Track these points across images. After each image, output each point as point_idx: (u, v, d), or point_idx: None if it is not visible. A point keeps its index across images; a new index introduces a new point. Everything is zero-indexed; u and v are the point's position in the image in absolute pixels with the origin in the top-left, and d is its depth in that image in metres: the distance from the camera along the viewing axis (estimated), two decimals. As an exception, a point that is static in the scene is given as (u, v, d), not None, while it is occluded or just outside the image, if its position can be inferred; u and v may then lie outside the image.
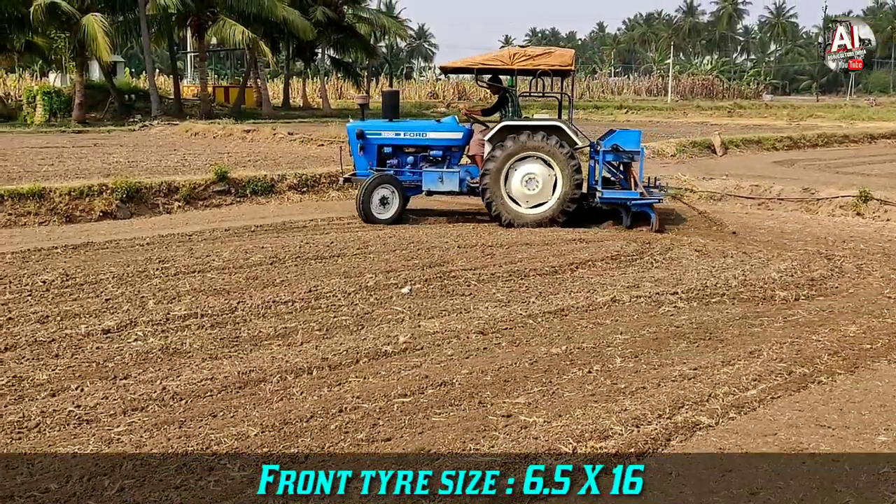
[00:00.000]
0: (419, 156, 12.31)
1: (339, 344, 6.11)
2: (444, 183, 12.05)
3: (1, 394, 5.02)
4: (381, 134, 12.23)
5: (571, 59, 12.23)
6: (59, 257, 9.00)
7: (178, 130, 25.86)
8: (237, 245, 9.80)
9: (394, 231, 10.97)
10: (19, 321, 6.47)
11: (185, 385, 5.18)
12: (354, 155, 12.35)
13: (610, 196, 11.76)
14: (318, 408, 4.84)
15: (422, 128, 12.53)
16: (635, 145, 11.93)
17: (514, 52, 12.06)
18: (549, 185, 11.56)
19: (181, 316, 6.69)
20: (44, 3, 28.65)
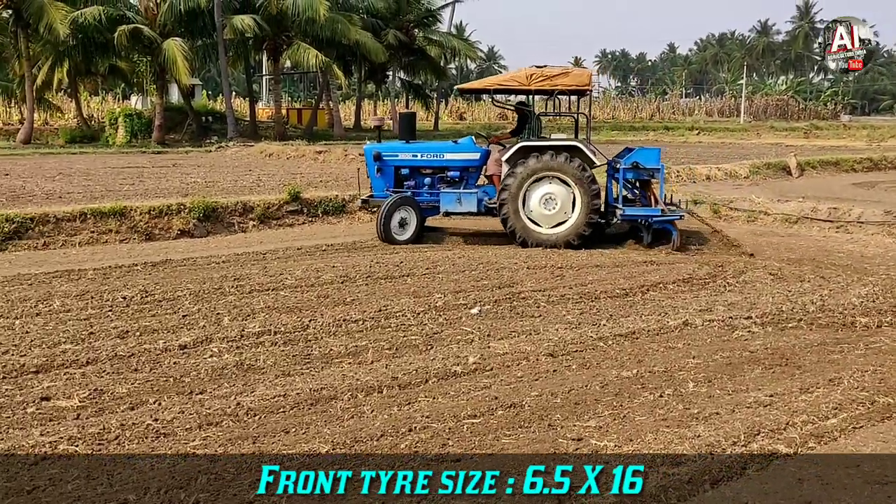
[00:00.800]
0: (436, 177, 12.29)
1: (408, 363, 6.14)
2: (462, 204, 12.00)
3: (83, 406, 5.18)
4: (397, 156, 12.23)
5: (589, 78, 12.22)
6: (139, 274, 9.28)
7: (253, 152, 26.45)
8: (309, 264, 9.95)
9: (463, 251, 11.00)
10: (100, 336, 6.68)
11: (259, 401, 5.27)
12: (371, 177, 12.35)
13: (632, 213, 11.71)
14: (388, 426, 4.87)
15: (439, 149, 12.51)
16: (655, 162, 11.83)
17: (531, 73, 11.94)
18: (567, 204, 11.50)
19: (255, 333, 6.82)
20: (127, 29, 29.74)
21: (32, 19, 30.14)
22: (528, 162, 11.41)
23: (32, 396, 5.32)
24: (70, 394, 5.35)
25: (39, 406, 5.17)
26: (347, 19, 35.72)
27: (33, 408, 5.14)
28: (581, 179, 11.40)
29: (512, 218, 11.42)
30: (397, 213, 11.64)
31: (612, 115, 67.01)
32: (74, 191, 14.98)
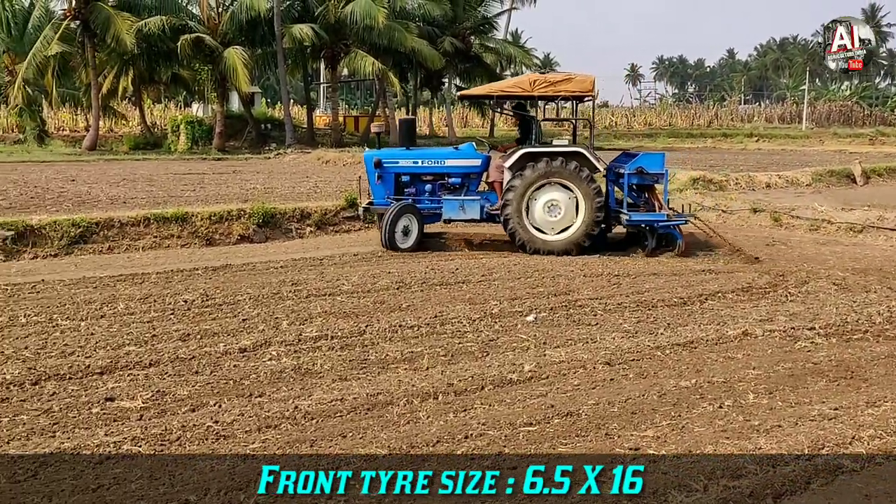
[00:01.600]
0: (437, 184, 12.15)
1: (464, 370, 6.14)
2: (465, 211, 11.89)
3: (146, 407, 5.29)
4: (398, 162, 12.06)
5: (592, 84, 12.04)
6: (200, 278, 9.46)
7: (311, 158, 26.79)
8: (365, 270, 10.03)
9: (518, 259, 10.97)
10: (163, 338, 6.82)
11: (316, 405, 5.33)
12: (372, 184, 12.14)
13: (638, 219, 11.60)
14: (444, 433, 4.88)
15: (439, 155, 12.36)
16: (660, 168, 11.76)
17: (534, 79, 11.89)
18: (571, 211, 11.43)
19: (313, 337, 6.90)
20: (190, 38, 30.40)
21: (99, 30, 31.00)
22: (533, 168, 11.33)
23: (97, 397, 5.45)
24: (133, 395, 5.48)
25: (104, 406, 5.30)
26: (404, 27, 35.96)
27: (98, 408, 5.27)
28: (585, 186, 11.34)
29: (515, 224, 11.35)
30: (400, 221, 11.52)
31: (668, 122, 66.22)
32: (138, 196, 15.34)
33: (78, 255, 11.20)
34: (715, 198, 16.70)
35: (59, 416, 5.11)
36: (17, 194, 15.67)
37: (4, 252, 10.96)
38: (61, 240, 11.38)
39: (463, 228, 12.86)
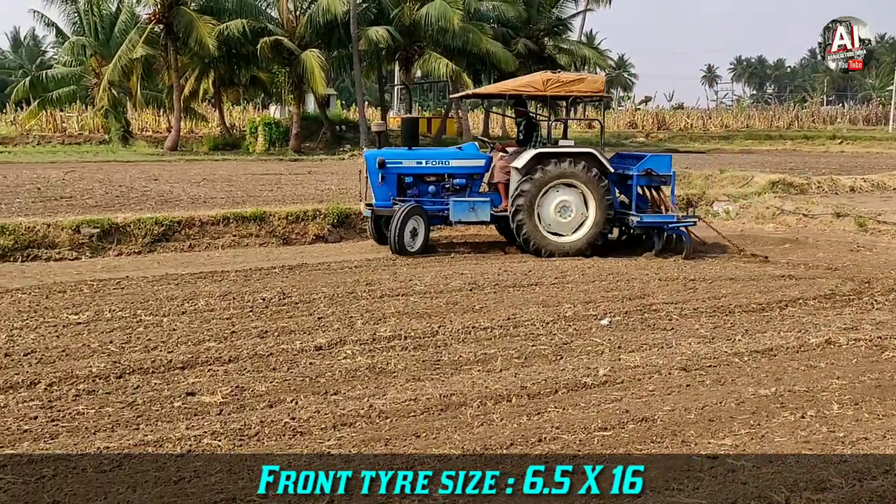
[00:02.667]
0: (440, 185, 11.89)
1: (537, 373, 6.11)
2: (475, 213, 11.59)
3: (225, 402, 5.42)
4: (401, 163, 11.74)
5: (603, 84, 11.90)
6: (277, 277, 9.63)
7: (384, 159, 26.95)
8: (437, 270, 10.07)
9: (592, 262, 10.87)
10: (242, 335, 6.97)
11: (391, 404, 5.37)
12: (374, 185, 11.78)
13: (649, 221, 11.48)
14: (517, 435, 4.86)
15: (444, 156, 12.09)
16: (667, 169, 11.67)
17: (547, 78, 11.67)
18: (581, 211, 11.30)
19: (386, 337, 6.96)
20: (269, 41, 31.05)
21: (182, 33, 31.86)
22: (545, 169, 11.14)
23: (179, 391, 5.60)
24: (213, 390, 5.61)
25: (185, 401, 5.44)
26: (479, 29, 36.04)
27: (179, 402, 5.41)
28: (596, 187, 11.21)
29: (528, 226, 11.17)
30: (409, 223, 11.22)
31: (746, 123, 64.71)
32: (217, 196, 15.71)
33: (160, 253, 11.54)
34: (795, 201, 16.26)
35: (142, 410, 5.26)
36: (103, 193, 16.22)
37: (91, 249, 11.35)
38: (145, 238, 11.73)
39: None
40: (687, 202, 16.71)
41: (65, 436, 4.82)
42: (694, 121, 67.58)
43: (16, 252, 10.97)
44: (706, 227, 12.52)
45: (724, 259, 11.24)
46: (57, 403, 5.34)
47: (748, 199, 16.63)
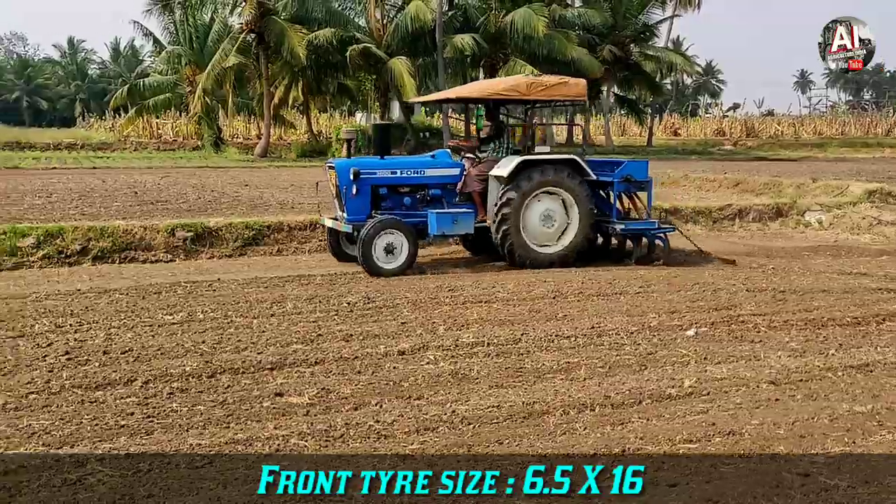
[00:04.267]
0: (415, 196, 11.14)
1: (621, 382, 6.05)
2: (458, 225, 10.79)
3: (312, 403, 5.53)
4: (375, 173, 10.86)
5: (584, 88, 11.44)
6: (362, 282, 9.79)
7: (467, 166, 27.06)
8: (521, 278, 10.06)
9: (678, 271, 10.69)
10: (327, 338, 7.11)
11: (473, 410, 5.40)
12: (346, 198, 10.73)
13: (632, 227, 11.27)
14: (600, 445, 4.82)
15: (418, 165, 11.31)
16: (644, 175, 11.46)
17: (530, 82, 11.18)
18: (563, 219, 10.94)
19: (469, 343, 6.99)
20: (357, 49, 31.56)
21: (273, 42, 32.68)
22: (530, 177, 10.71)
23: (267, 392, 5.75)
24: (301, 391, 5.74)
25: (273, 401, 5.57)
26: (564, 36, 35.89)
27: (268, 402, 5.55)
28: (580, 195, 10.89)
29: (513, 237, 10.66)
30: (381, 238, 10.20)
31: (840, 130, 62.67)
32: (305, 201, 16.02)
33: (250, 256, 11.86)
34: (894, 212, 15.67)
35: (232, 409, 5.42)
36: (196, 198, 16.76)
37: (184, 251, 11.74)
38: (235, 241, 12.08)
39: None
40: (777, 212, 16.31)
41: (159, 432, 5.01)
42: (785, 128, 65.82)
43: (114, 254, 11.44)
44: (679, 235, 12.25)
45: (815, 271, 10.90)
46: (152, 401, 5.55)
47: (843, 209, 16.10)
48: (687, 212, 15.99)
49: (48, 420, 5.16)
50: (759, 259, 11.94)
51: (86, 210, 14.46)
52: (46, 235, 11.26)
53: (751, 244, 13.80)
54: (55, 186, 19.06)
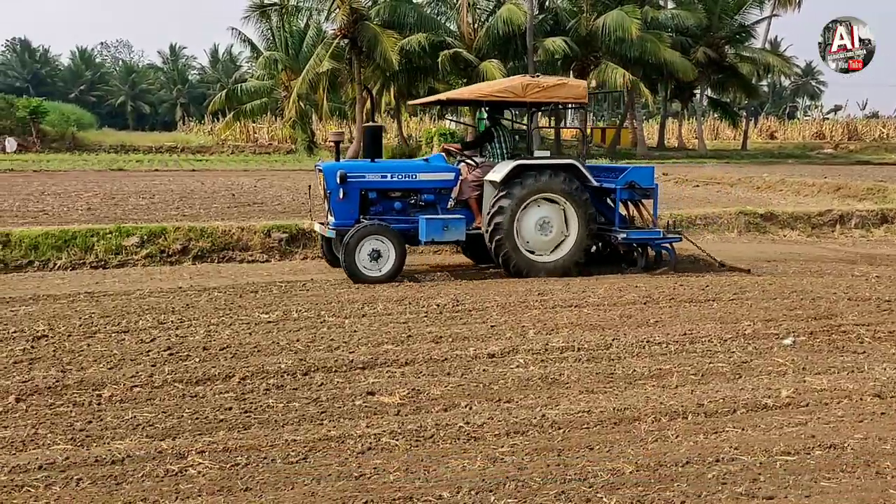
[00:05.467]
0: (407, 201, 10.80)
1: (715, 391, 5.93)
2: (449, 231, 10.40)
3: (402, 403, 5.60)
4: (364, 177, 10.51)
5: (585, 90, 10.89)
6: (451, 284, 9.85)
7: (556, 169, 26.92)
8: (611, 283, 9.95)
9: (774, 279, 10.40)
10: (417, 339, 7.19)
11: (563, 415, 5.37)
12: (333, 201, 10.46)
13: (635, 237, 10.83)
14: (693, 454, 4.74)
15: (411, 168, 10.96)
16: (650, 182, 10.97)
17: (527, 83, 10.67)
18: (562, 228, 10.50)
19: (559, 347, 6.96)
20: (449, 53, 31.78)
21: (366, 47, 33.19)
22: (525, 183, 10.29)
23: (359, 390, 5.85)
24: (392, 391, 5.82)
25: (365, 400, 5.67)
26: (657, 38, 35.35)
27: (360, 401, 5.65)
28: (578, 202, 10.43)
29: (507, 245, 10.26)
30: (365, 244, 9.93)
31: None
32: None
33: (343, 258, 12.04)
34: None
35: (326, 406, 5.53)
36: (290, 200, 17.17)
37: (280, 252, 12.04)
38: (328, 243, 12.28)
39: None
40: (882, 218, 15.69)
41: (256, 427, 5.15)
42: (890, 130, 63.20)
43: (213, 253, 11.82)
44: None
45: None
46: (249, 396, 5.72)
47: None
48: (784, 217, 15.54)
49: (151, 413, 5.37)
50: (862, 267, 11.51)
51: (186, 211, 15.00)
52: (150, 235, 11.72)
53: (852, 251, 13.33)
54: (157, 188, 19.83)
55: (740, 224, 15.15)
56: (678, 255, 11.40)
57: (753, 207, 16.09)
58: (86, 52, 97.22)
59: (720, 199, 19.44)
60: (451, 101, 12.48)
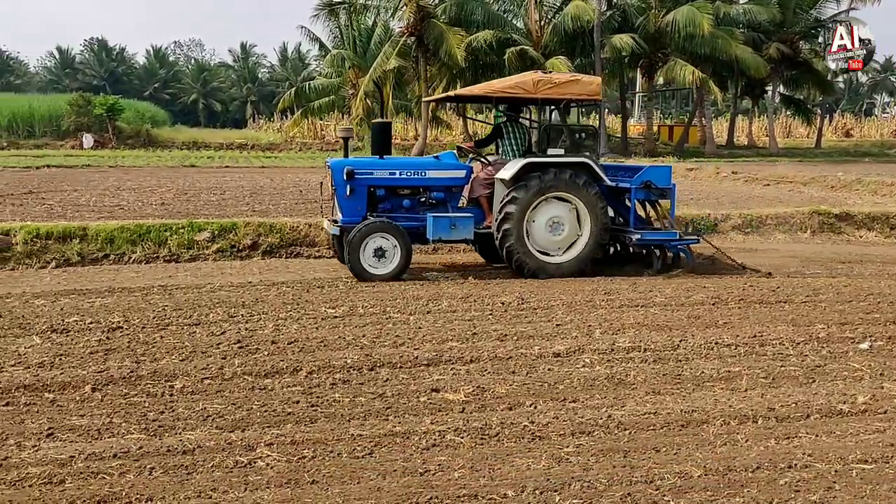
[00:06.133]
0: (416, 198, 10.64)
1: (786, 395, 5.79)
2: (457, 230, 10.23)
3: (467, 401, 5.61)
4: (372, 173, 10.38)
5: (599, 87, 10.54)
6: (516, 282, 9.81)
7: (623, 168, 26.65)
8: (679, 283, 9.80)
9: (849, 280, 10.12)
10: (482, 336, 7.18)
11: (629, 416, 5.31)
12: (340, 198, 10.39)
13: (650, 238, 10.45)
14: (764, 459, 4.64)
15: (420, 166, 10.76)
16: (667, 182, 10.68)
17: (538, 79, 10.37)
18: (574, 228, 10.18)
19: (625, 348, 6.88)
20: (515, 51, 31.70)
21: (432, 45, 33.31)
22: (534, 181, 10.05)
23: (424, 387, 5.87)
24: (456, 388, 5.83)
25: (430, 396, 5.69)
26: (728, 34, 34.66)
27: (425, 398, 5.67)
28: (591, 201, 10.13)
29: (517, 246, 10.03)
30: (370, 241, 9.84)
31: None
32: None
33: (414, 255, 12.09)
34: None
35: (391, 402, 5.57)
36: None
37: (345, 248, 12.15)
38: (393, 239, 12.35)
39: None
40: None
41: (322, 421, 5.21)
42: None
43: (281, 249, 12.01)
44: None
45: None
46: (316, 390, 5.79)
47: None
48: (860, 217, 15.09)
49: (221, 404, 5.48)
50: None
51: (256, 207, 15.28)
52: (220, 230, 11.97)
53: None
54: (228, 184, 20.23)
55: (814, 224, 14.77)
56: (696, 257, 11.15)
57: (828, 207, 15.65)
58: (160, 51, 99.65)
59: (792, 198, 18.96)
60: (461, 97, 12.28)
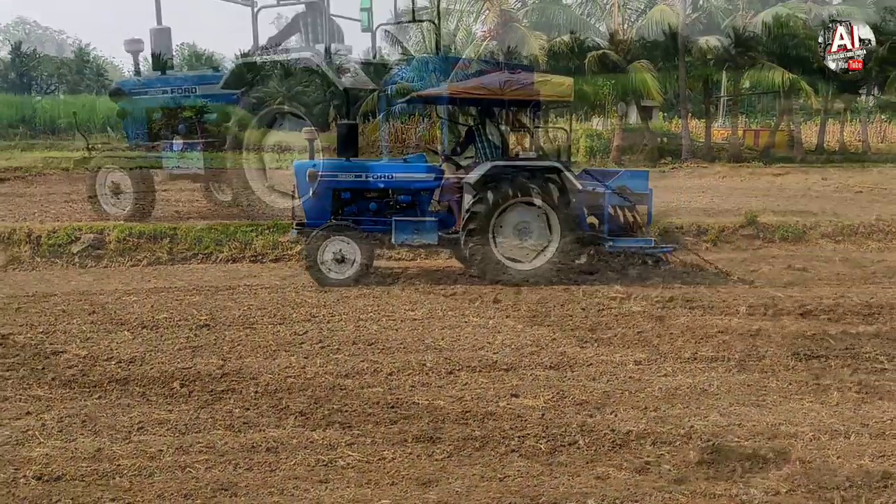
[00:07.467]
0: (383, 202, 10.31)
1: (881, 410, 5.58)
2: (420, 234, 9.98)
3: (546, 407, 5.57)
4: (337, 176, 10.17)
5: (570, 88, 9.99)
6: (600, 289, 9.63)
7: (707, 173, 26.15)
8: (762, 291, 9.54)
9: (947, 292, 9.67)
10: (561, 343, 7.15)
11: (712, 427, 5.19)
12: (304, 201, 10.21)
13: (623, 245, 10.08)
14: (857, 477, 4.47)
15: (387, 169, 10.39)
16: (644, 187, 10.35)
17: (505, 80, 9.92)
18: (544, 234, 9.77)
19: (708, 357, 6.73)
20: (596, 55, 31.44)
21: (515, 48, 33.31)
22: (503, 186, 9.68)
23: (503, 392, 5.86)
24: (535, 394, 5.80)
25: (509, 401, 5.67)
26: (819, 35, 33.57)
27: (504, 402, 5.66)
28: (560, 207, 9.69)
29: (482, 251, 9.73)
30: (329, 246, 9.77)
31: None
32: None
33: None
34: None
35: (469, 406, 5.57)
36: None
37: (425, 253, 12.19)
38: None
39: None
40: None
41: (402, 423, 5.25)
42: None
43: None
44: None
45: None
46: (395, 392, 5.84)
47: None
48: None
49: (304, 403, 5.58)
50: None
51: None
52: (303, 232, 12.15)
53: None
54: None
55: (903, 233, 14.17)
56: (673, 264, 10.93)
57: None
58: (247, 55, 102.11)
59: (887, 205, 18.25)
60: (427, 99, 12.09)
